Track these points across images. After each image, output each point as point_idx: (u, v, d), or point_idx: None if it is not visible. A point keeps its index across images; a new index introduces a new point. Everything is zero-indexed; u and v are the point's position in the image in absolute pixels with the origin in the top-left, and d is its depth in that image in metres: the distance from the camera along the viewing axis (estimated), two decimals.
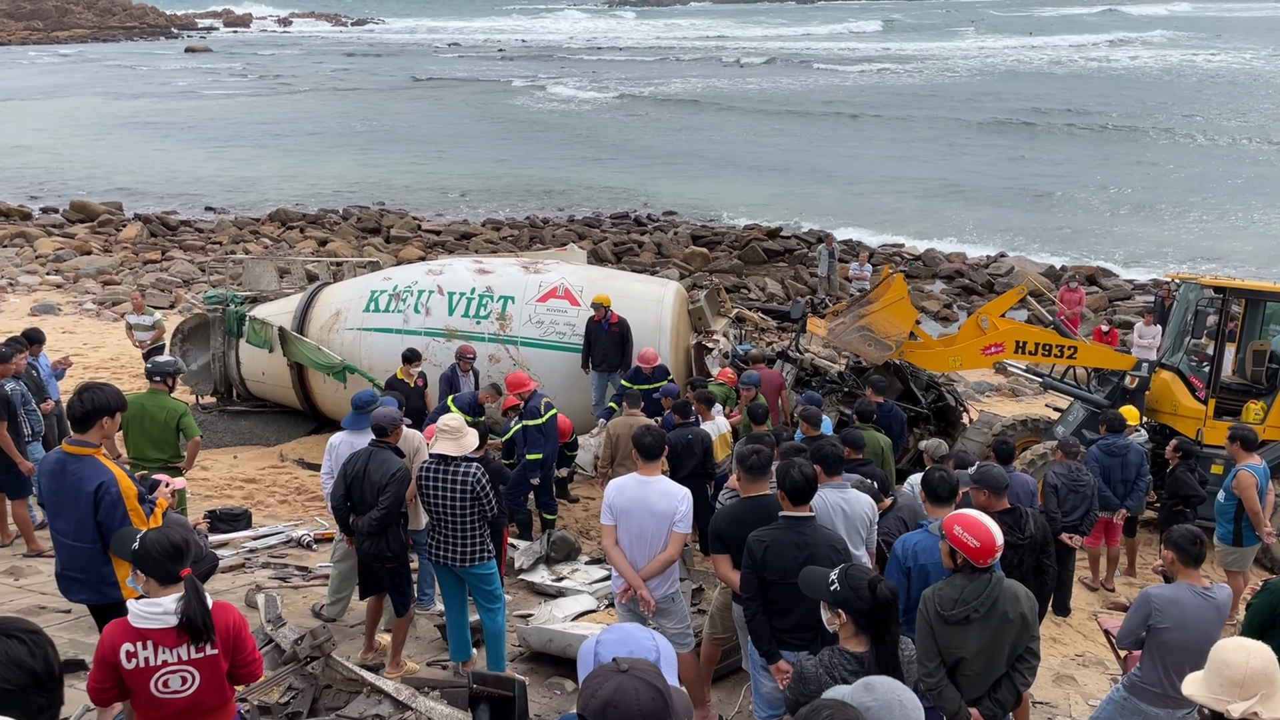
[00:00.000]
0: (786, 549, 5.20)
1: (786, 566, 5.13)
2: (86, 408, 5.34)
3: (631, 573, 6.03)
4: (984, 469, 6.50)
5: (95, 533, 5.30)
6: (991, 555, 4.84)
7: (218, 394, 13.63)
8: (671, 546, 5.99)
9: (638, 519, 5.99)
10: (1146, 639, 5.50)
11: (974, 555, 4.84)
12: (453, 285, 12.41)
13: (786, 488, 5.28)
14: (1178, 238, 28.48)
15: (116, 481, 5.30)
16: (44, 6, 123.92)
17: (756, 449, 5.79)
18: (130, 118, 51.84)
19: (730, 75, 73.89)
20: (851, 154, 41.31)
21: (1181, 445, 10.02)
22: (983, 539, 4.82)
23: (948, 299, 22.81)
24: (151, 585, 4.06)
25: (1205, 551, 5.52)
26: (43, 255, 24.41)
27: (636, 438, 6.18)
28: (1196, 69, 72.63)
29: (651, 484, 6.05)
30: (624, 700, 2.31)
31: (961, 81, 67.27)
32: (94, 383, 5.60)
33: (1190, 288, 11.77)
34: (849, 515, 6.09)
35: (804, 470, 5.31)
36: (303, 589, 8.52)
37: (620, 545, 6.07)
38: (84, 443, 5.35)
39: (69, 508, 5.33)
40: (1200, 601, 5.37)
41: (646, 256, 25.60)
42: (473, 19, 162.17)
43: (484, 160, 40.75)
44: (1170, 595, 5.43)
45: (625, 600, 6.16)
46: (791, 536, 5.23)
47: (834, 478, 6.23)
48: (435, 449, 6.67)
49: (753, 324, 15.18)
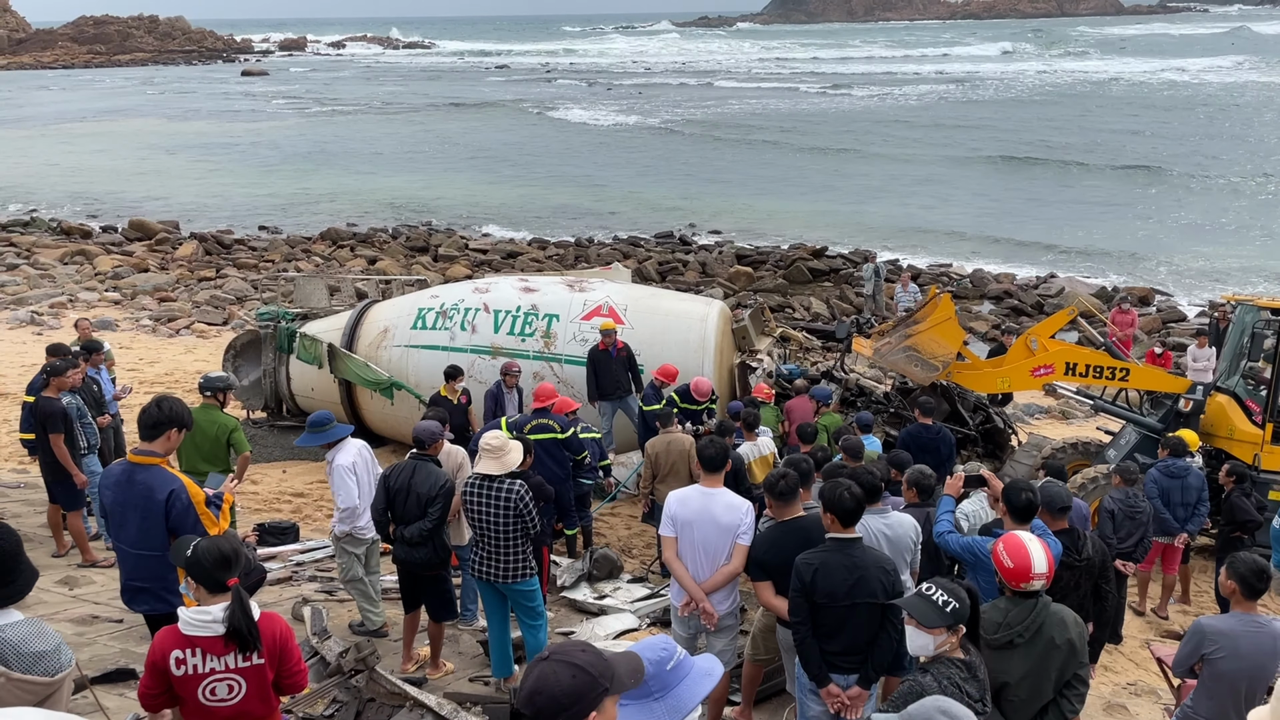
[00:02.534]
0: (836, 571, 5.15)
1: (836, 589, 5.10)
2: (161, 416, 5.44)
3: (694, 585, 5.97)
4: (1045, 486, 6.43)
5: (166, 540, 5.40)
6: (1026, 579, 4.74)
7: (268, 409, 13.84)
8: (736, 559, 5.94)
9: (701, 531, 5.96)
10: (1201, 670, 5.37)
11: (1009, 576, 4.79)
12: (498, 303, 12.53)
13: (837, 510, 5.23)
14: (1235, 257, 27.89)
15: (185, 488, 5.42)
16: (106, 31, 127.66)
17: (784, 473, 5.77)
18: (188, 139, 53.14)
19: (792, 97, 73.93)
20: (901, 174, 41.08)
21: (1234, 469, 9.77)
22: (1019, 562, 4.74)
23: (996, 319, 22.53)
24: (201, 593, 4.14)
25: (1268, 586, 5.39)
26: (101, 272, 25.04)
27: (701, 449, 6.20)
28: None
29: (715, 495, 6.03)
30: (545, 686, 2.40)
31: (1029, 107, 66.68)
32: (169, 395, 5.71)
33: (1246, 309, 11.50)
34: (893, 540, 6.06)
35: (853, 492, 5.26)
36: (348, 603, 8.59)
37: (681, 558, 6.05)
38: (150, 452, 5.45)
39: (136, 516, 5.43)
40: (1254, 632, 5.25)
41: (691, 275, 25.62)
42: (522, 42, 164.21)
43: (530, 180, 41.12)
44: (1223, 626, 5.32)
45: (686, 614, 6.09)
46: (840, 559, 5.18)
47: (875, 504, 6.19)
48: (479, 468, 6.74)
49: (797, 343, 15.10)
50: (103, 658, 6.81)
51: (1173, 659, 5.69)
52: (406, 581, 7.24)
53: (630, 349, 11.83)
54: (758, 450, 9.50)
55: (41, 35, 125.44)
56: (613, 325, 11.78)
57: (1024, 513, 5.77)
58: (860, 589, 5.11)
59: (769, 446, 9.68)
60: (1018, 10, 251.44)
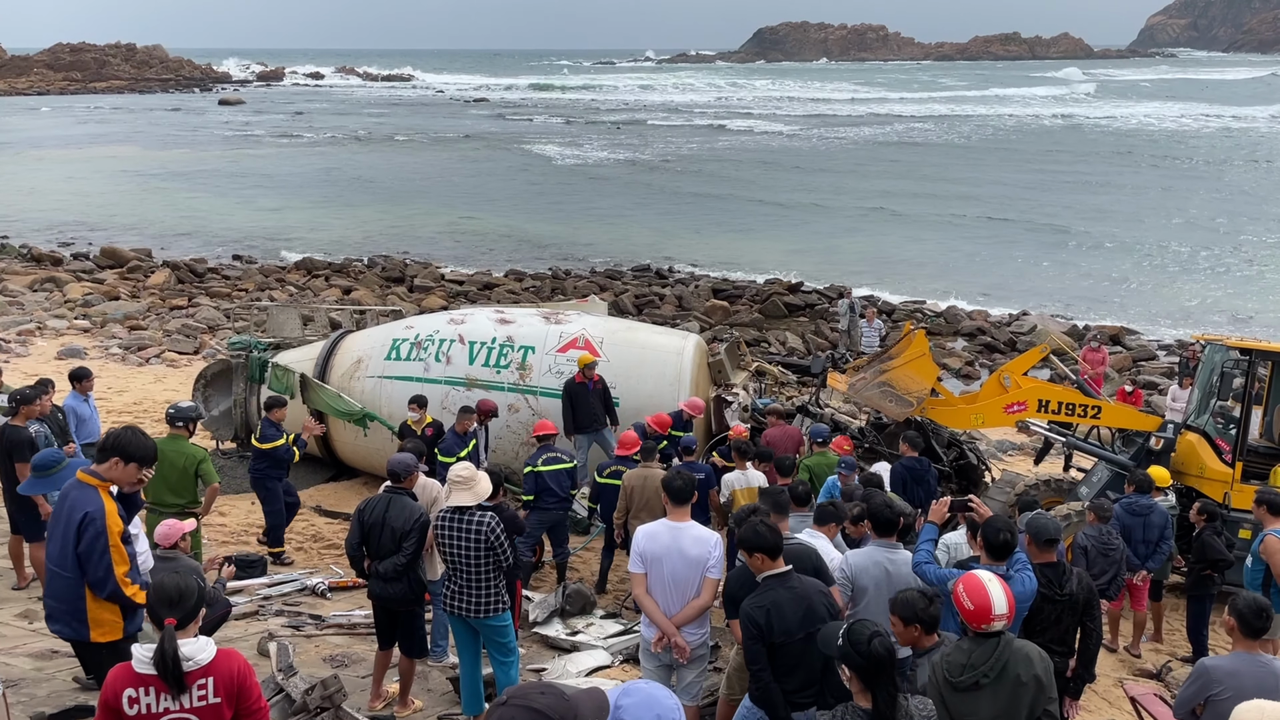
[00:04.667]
0: (787, 606, 5.21)
1: (791, 625, 5.16)
2: (108, 441, 5.38)
3: (665, 620, 5.98)
4: (1034, 518, 6.47)
5: (76, 562, 5.25)
6: (987, 620, 4.71)
7: (238, 439, 13.68)
8: (705, 593, 5.98)
9: (670, 565, 5.97)
10: (1204, 712, 5.37)
11: (969, 617, 4.77)
12: (474, 334, 12.48)
13: (763, 548, 5.30)
14: (1204, 296, 28.28)
15: (104, 515, 5.24)
16: (83, 58, 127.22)
17: (754, 507, 5.79)
18: (164, 167, 52.88)
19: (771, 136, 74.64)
20: (881, 207, 41.49)
21: (1205, 508, 9.83)
22: (979, 603, 4.72)
23: (970, 355, 22.69)
24: (153, 629, 4.07)
25: (1269, 625, 5.42)
26: (72, 300, 24.75)
27: (667, 481, 6.20)
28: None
29: (683, 530, 6.05)
30: None
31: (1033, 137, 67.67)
32: (136, 427, 5.61)
33: (1216, 349, 11.64)
34: (892, 576, 6.09)
35: (769, 525, 5.39)
36: (316, 638, 8.45)
37: (651, 593, 6.02)
38: (95, 474, 5.36)
39: (58, 533, 5.32)
40: (1258, 672, 5.27)
41: (667, 309, 25.68)
42: (500, 76, 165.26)
43: (508, 213, 41.19)
44: (1227, 666, 5.34)
45: (659, 649, 6.07)
46: (786, 594, 5.25)
47: (886, 537, 6.27)
48: (451, 500, 6.67)
49: (773, 378, 15.13)
50: (60, 694, 6.63)
51: (1175, 702, 5.67)
52: (382, 617, 7.12)
53: (606, 382, 11.80)
54: (746, 480, 9.47)
55: (17, 62, 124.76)
56: (593, 359, 11.75)
57: (1000, 552, 5.77)
58: (810, 618, 5.19)
59: (758, 479, 9.60)
60: (989, 52, 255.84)
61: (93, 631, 5.32)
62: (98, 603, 5.29)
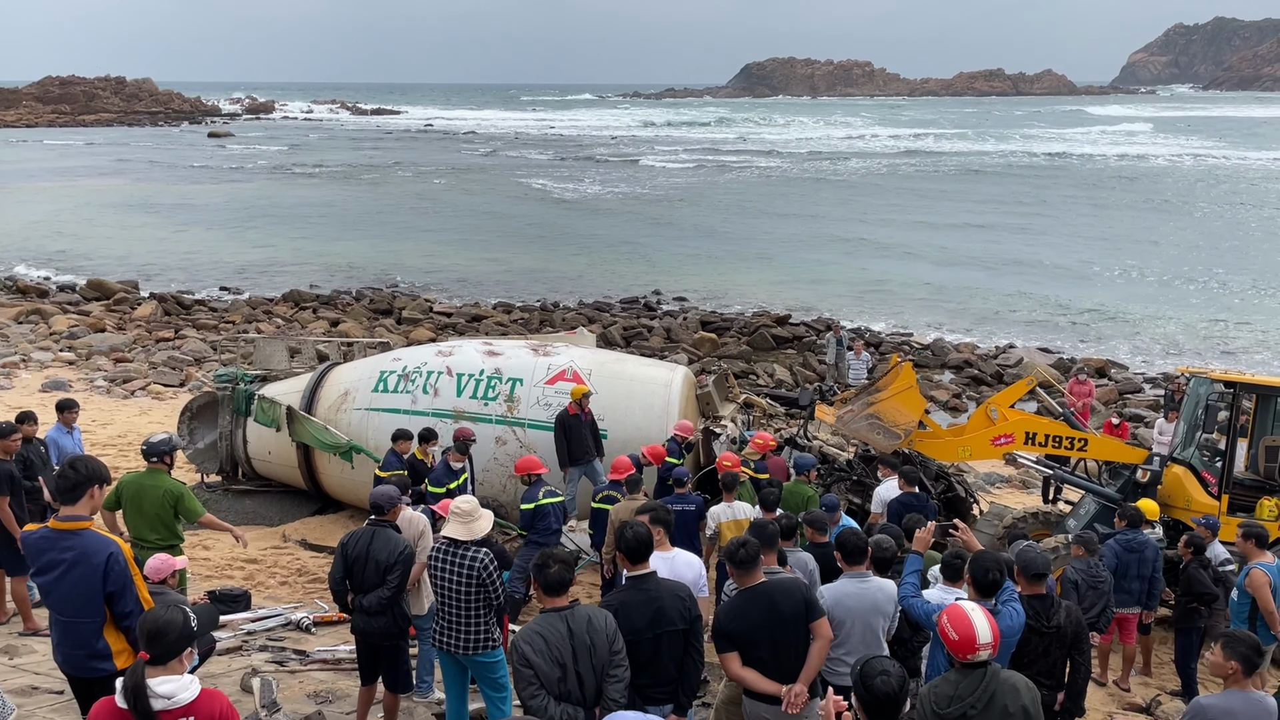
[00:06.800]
0: (636, 608, 5.40)
1: (637, 624, 5.34)
2: (80, 476, 5.33)
3: None
4: (1023, 550, 6.49)
5: (101, 606, 5.24)
6: (972, 650, 4.76)
7: (223, 472, 13.59)
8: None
9: None
10: None
11: (954, 648, 4.82)
12: (462, 367, 12.46)
13: (624, 549, 5.54)
14: (1190, 330, 28.48)
15: (122, 550, 5.30)
16: (72, 91, 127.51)
17: (745, 540, 5.76)
18: (152, 199, 52.90)
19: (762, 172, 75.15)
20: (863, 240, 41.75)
21: (1192, 540, 9.85)
22: (964, 633, 4.77)
23: (957, 389, 22.77)
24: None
25: (1264, 661, 5.46)
26: (57, 332, 24.65)
27: (651, 510, 6.28)
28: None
29: (671, 559, 6.28)
30: None
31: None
32: (82, 455, 5.60)
33: (1200, 381, 11.71)
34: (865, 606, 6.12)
35: (638, 531, 5.57)
36: (300, 673, 8.35)
37: None
38: (76, 516, 5.31)
39: (67, 583, 5.26)
40: (1254, 710, 5.31)
41: (655, 341, 25.72)
42: (489, 110, 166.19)
43: (496, 245, 41.29)
44: (1223, 705, 5.36)
45: None
46: (637, 595, 5.46)
47: (855, 566, 6.30)
48: (446, 532, 6.60)
49: (761, 410, 15.13)
50: None
51: None
52: (365, 652, 7.05)
53: (593, 414, 11.79)
54: (732, 513, 9.42)
55: (5, 94, 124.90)
56: (587, 389, 11.74)
57: (987, 590, 5.77)
58: (660, 620, 5.40)
59: (744, 511, 9.52)
60: (974, 89, 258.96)
61: (117, 660, 5.32)
62: (114, 634, 5.32)
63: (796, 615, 5.59)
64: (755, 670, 5.55)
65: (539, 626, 5.06)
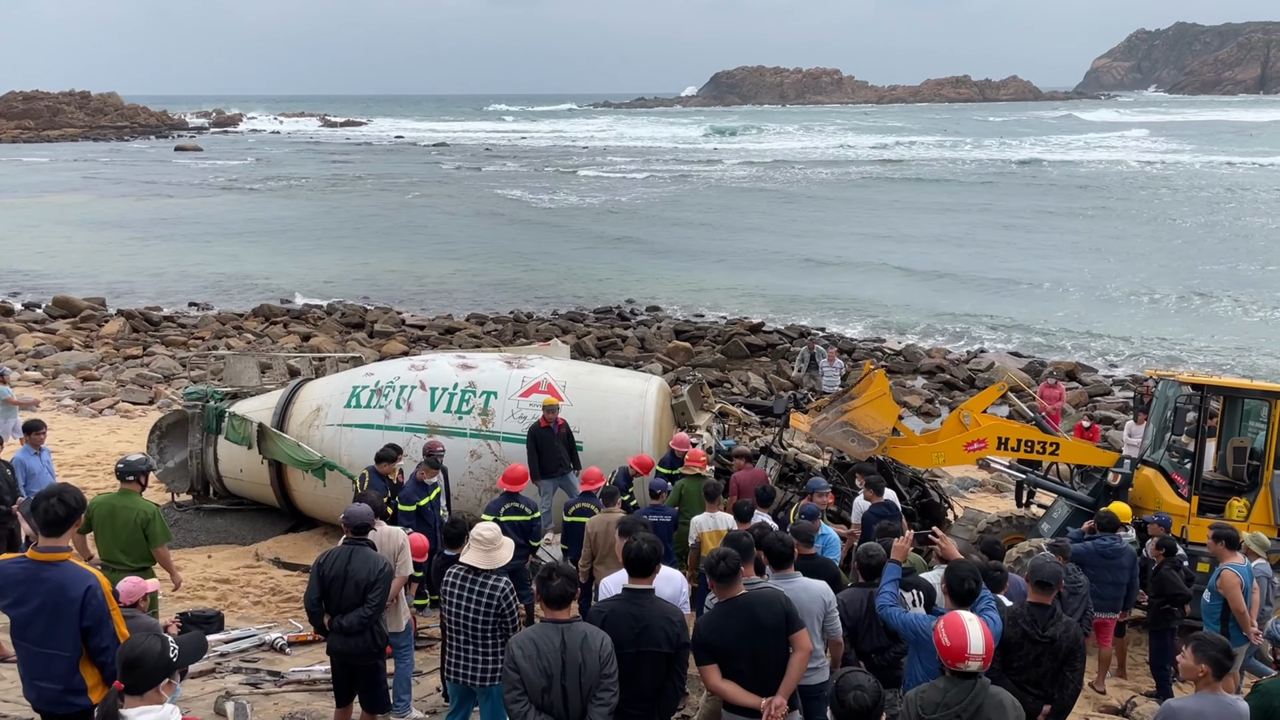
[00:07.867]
0: (623, 620, 5.36)
1: (622, 637, 5.29)
2: (69, 510, 5.20)
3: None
4: (1036, 560, 6.56)
5: (78, 640, 5.14)
6: (962, 659, 4.80)
7: (194, 491, 13.43)
8: None
9: None
10: None
11: (945, 654, 4.87)
12: (435, 380, 12.38)
13: (627, 559, 5.48)
14: (1157, 332, 28.81)
15: (100, 584, 5.19)
16: (35, 106, 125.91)
17: (725, 553, 5.74)
18: (119, 215, 52.31)
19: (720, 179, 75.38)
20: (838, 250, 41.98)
21: (1163, 542, 9.94)
22: (956, 641, 4.82)
23: (929, 394, 22.91)
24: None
25: (1234, 664, 5.52)
26: (22, 350, 24.29)
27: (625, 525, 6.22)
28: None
29: None
30: None
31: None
32: (66, 485, 5.49)
33: (1168, 384, 11.85)
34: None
35: (645, 542, 5.50)
36: (274, 695, 8.25)
37: None
38: (57, 548, 5.22)
39: (44, 616, 5.14)
40: (1224, 712, 5.36)
41: (630, 351, 25.71)
42: (459, 121, 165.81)
43: (468, 256, 41.16)
44: (1193, 707, 5.41)
45: None
46: (629, 609, 5.41)
47: (783, 569, 6.39)
48: (466, 558, 6.49)
49: (736, 419, 15.15)
50: None
51: None
52: (341, 673, 6.97)
53: (569, 426, 11.75)
54: (714, 523, 9.36)
55: None
56: (555, 402, 11.70)
57: (963, 599, 5.78)
58: (644, 638, 5.33)
59: (725, 522, 9.45)
60: (941, 95, 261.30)
61: (92, 695, 5.21)
62: (89, 668, 5.21)
63: (776, 627, 5.58)
64: (735, 683, 5.53)
65: (534, 634, 5.10)
